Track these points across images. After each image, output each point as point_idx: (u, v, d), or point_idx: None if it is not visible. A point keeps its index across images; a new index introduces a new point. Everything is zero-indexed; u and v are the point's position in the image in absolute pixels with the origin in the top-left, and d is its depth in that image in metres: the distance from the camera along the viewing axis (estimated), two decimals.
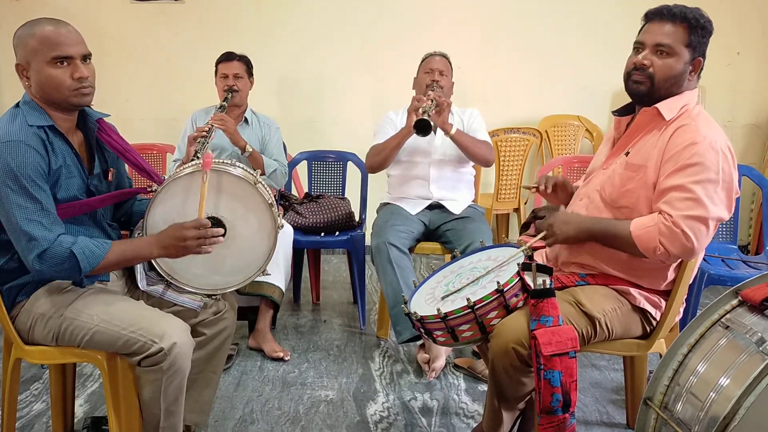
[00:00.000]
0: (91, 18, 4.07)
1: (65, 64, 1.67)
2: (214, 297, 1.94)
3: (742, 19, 4.29)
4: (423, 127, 2.59)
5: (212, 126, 2.70)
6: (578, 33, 4.31)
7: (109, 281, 1.85)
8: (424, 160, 2.91)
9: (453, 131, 2.79)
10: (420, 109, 2.65)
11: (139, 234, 1.85)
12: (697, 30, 1.76)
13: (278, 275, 2.76)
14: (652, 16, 1.81)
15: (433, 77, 2.93)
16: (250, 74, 3.11)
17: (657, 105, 1.79)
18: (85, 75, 1.69)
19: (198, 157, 2.15)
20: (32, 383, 2.52)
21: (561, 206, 2.06)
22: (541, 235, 1.90)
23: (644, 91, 1.81)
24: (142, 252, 1.73)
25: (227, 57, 3.06)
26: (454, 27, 4.29)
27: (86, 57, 1.72)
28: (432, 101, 2.72)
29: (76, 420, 2.21)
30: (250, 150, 2.86)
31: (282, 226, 1.93)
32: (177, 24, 4.24)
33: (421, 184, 2.95)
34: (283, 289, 2.81)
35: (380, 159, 2.89)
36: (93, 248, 1.65)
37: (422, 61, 3.04)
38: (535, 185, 2.07)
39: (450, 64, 3.02)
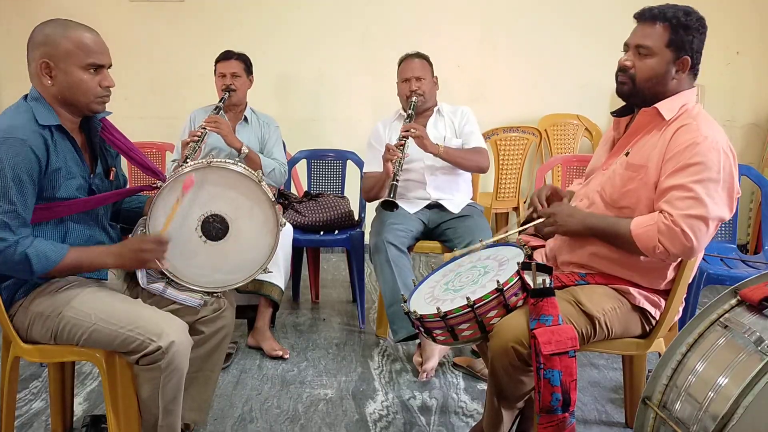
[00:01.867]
0: (91, 16, 4.01)
1: (95, 71, 1.72)
2: (215, 295, 1.94)
3: (741, 18, 4.30)
4: (388, 206, 2.62)
5: (205, 129, 2.70)
6: (577, 32, 4.31)
7: (107, 279, 1.86)
8: (418, 166, 2.90)
9: (440, 151, 2.78)
10: (391, 164, 2.65)
11: (141, 230, 1.86)
12: (678, 29, 1.76)
13: (278, 274, 2.76)
14: (637, 17, 1.84)
15: (411, 87, 2.90)
16: (249, 73, 3.10)
17: (656, 105, 1.80)
18: (113, 84, 1.76)
19: (187, 162, 2.15)
20: (31, 381, 2.52)
21: (565, 198, 2.04)
22: (540, 221, 1.89)
23: (627, 92, 1.84)
24: (96, 260, 1.75)
25: (225, 56, 3.05)
26: (453, 25, 4.29)
27: (110, 67, 1.77)
28: (403, 149, 2.69)
29: (75, 418, 2.21)
30: (246, 151, 2.86)
31: (284, 224, 1.94)
32: (176, 22, 4.23)
33: (418, 187, 2.94)
34: (283, 288, 2.81)
35: (372, 195, 2.94)
36: (49, 252, 1.65)
37: (398, 67, 3.00)
38: (531, 213, 2.00)
39: (428, 62, 2.98)
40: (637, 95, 1.82)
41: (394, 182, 2.62)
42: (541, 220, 1.90)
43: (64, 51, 1.68)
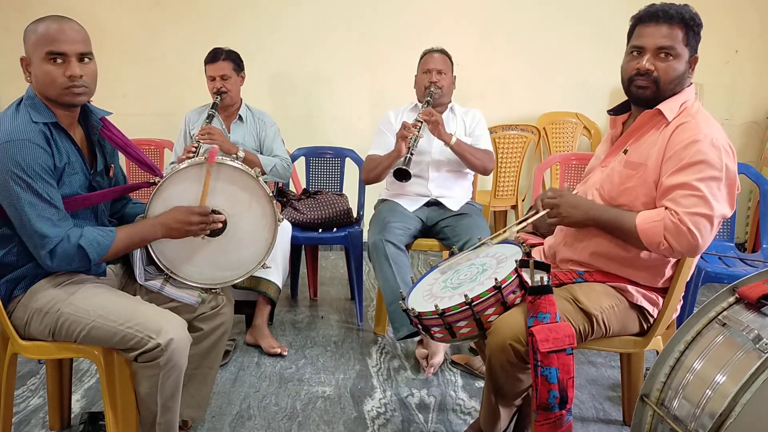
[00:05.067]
0: (88, 12, 4.06)
1: (60, 61, 1.67)
2: (213, 291, 1.94)
3: (740, 17, 4.30)
4: (401, 176, 2.70)
5: (199, 143, 2.69)
6: (576, 30, 4.31)
7: (106, 276, 1.86)
8: (422, 159, 2.90)
9: (453, 141, 2.80)
10: (405, 143, 2.72)
11: None
12: (693, 28, 1.77)
13: (275, 271, 2.75)
14: (647, 19, 1.79)
15: (431, 78, 2.92)
16: (241, 69, 3.05)
17: (659, 106, 1.79)
18: (77, 74, 1.67)
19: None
20: (29, 378, 2.52)
21: (566, 186, 2.03)
22: (544, 212, 1.89)
23: (650, 96, 1.80)
24: (147, 234, 1.79)
25: (212, 57, 2.98)
26: (452, 23, 4.29)
27: (84, 56, 1.70)
28: (419, 129, 2.74)
29: (72, 415, 2.21)
30: (242, 155, 2.83)
31: (282, 220, 1.94)
32: (174, 19, 4.22)
33: (419, 182, 2.94)
34: (280, 286, 2.81)
35: (374, 175, 2.96)
36: (100, 239, 1.69)
37: (421, 59, 3.03)
38: (532, 213, 1.99)
39: (450, 59, 3.00)
40: (658, 98, 1.79)
41: (410, 155, 2.71)
42: (544, 212, 1.89)
43: (32, 44, 1.67)
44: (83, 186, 1.77)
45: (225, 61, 2.98)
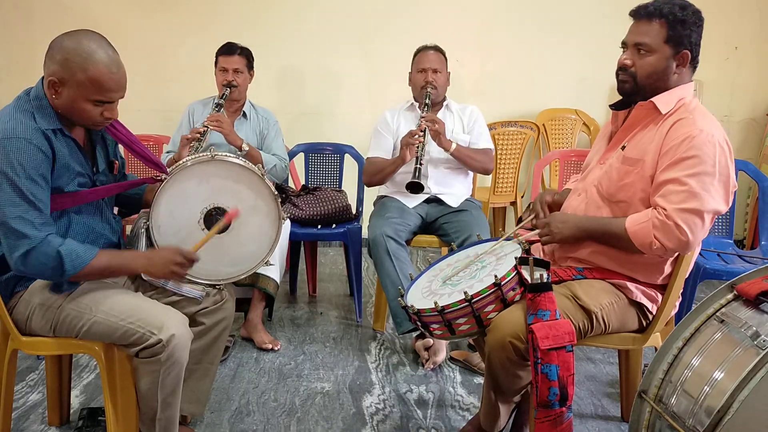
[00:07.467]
0: (87, 7, 4.05)
1: (102, 104, 1.68)
2: (217, 287, 1.95)
3: (740, 13, 4.30)
4: (414, 189, 2.72)
5: (207, 128, 2.69)
6: (576, 26, 4.31)
7: None
8: (423, 158, 2.90)
9: (452, 148, 2.81)
10: (411, 152, 2.73)
11: (144, 221, 1.86)
12: (675, 25, 1.76)
13: (274, 267, 2.75)
14: (633, 15, 1.84)
15: (427, 78, 2.92)
16: (251, 67, 3.07)
17: (653, 99, 1.80)
18: (115, 117, 1.73)
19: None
20: (28, 374, 2.52)
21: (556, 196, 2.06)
22: (536, 232, 1.92)
23: (629, 90, 1.84)
24: (127, 264, 1.75)
25: (228, 50, 3.00)
26: (452, 20, 4.28)
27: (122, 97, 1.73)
28: (424, 132, 2.75)
29: (71, 411, 2.22)
30: (247, 148, 2.84)
31: (285, 219, 1.95)
32: (174, 14, 4.21)
33: None
34: (278, 282, 2.81)
35: (377, 180, 2.97)
36: (80, 251, 1.63)
37: (414, 56, 3.02)
38: (531, 218, 2.03)
39: (444, 56, 3.00)
40: (639, 93, 1.83)
41: (419, 165, 2.72)
42: (536, 232, 1.93)
43: (77, 81, 1.62)
44: (86, 186, 1.77)
45: (240, 56, 3.00)
